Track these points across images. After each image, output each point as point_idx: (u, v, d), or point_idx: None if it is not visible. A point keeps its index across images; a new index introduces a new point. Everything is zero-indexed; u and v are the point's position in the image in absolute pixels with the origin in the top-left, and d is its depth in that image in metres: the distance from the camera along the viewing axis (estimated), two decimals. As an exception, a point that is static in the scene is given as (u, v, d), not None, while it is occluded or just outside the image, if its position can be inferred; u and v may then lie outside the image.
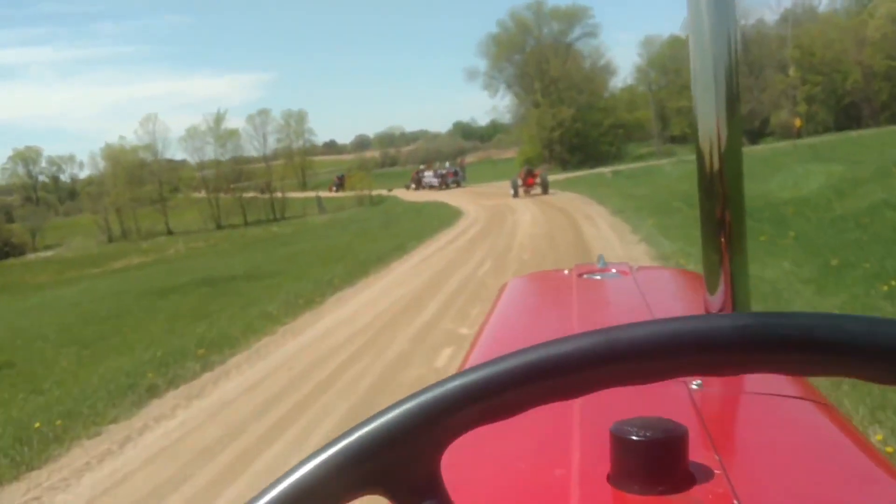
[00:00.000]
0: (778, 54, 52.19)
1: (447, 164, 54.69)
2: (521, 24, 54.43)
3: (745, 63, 54.73)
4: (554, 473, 0.70)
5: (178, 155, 52.34)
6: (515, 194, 28.29)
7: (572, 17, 53.48)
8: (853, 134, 37.55)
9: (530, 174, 29.55)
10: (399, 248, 15.69)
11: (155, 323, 11.51)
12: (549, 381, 0.36)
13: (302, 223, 38.99)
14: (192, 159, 48.37)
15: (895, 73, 47.40)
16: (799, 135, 36.82)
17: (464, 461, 0.75)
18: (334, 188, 59.22)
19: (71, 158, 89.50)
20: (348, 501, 0.37)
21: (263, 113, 53.16)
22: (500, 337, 1.39)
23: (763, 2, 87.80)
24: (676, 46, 63.91)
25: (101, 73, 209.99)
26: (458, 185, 46.15)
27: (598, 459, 0.64)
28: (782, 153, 28.97)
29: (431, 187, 45.96)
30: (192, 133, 47.75)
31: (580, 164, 49.67)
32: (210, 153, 48.54)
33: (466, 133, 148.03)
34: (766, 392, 0.90)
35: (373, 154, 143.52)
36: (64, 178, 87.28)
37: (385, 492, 0.38)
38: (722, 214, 0.92)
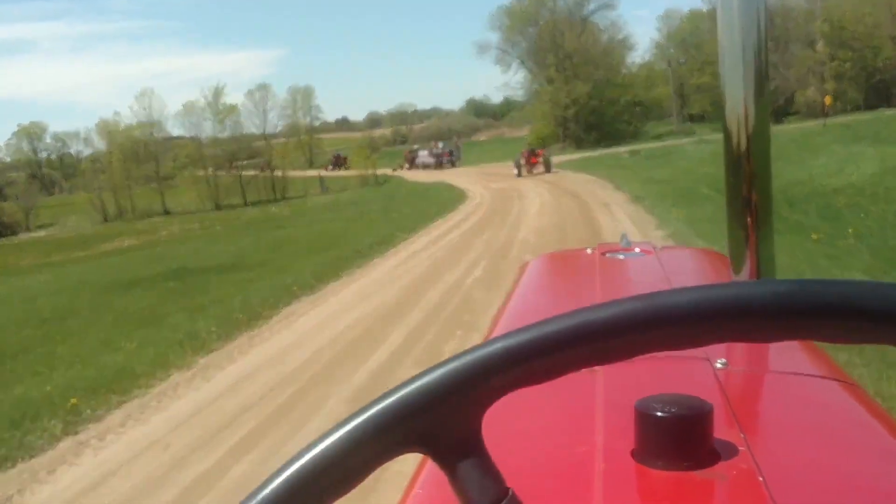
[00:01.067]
0: (805, 28, 49.56)
1: (441, 143, 52.76)
2: (536, -6, 52.13)
3: (770, 38, 52.18)
4: (579, 448, 0.70)
5: (181, 131, 50.56)
6: (519, 174, 28.18)
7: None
8: (888, 112, 35.20)
9: (533, 153, 29.72)
10: (387, 240, 13.93)
11: (95, 329, 9.86)
12: (592, 345, 0.36)
13: (301, 204, 37.25)
14: (191, 136, 46.43)
15: (930, 49, 44.75)
16: (828, 113, 34.50)
17: (490, 436, 0.70)
18: (330, 167, 57.69)
19: (77, 135, 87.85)
20: (390, 458, 0.37)
21: (264, 88, 51.19)
22: (523, 311, 1.36)
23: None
24: (697, 21, 61.31)
25: (112, 48, 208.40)
26: (453, 164, 44.77)
27: (623, 435, 0.64)
28: (814, 133, 26.82)
29: (426, 167, 44.57)
30: (189, 109, 45.87)
31: (596, 144, 47.49)
32: (211, 129, 46.80)
33: (479, 111, 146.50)
34: (791, 371, 0.89)
35: (383, 132, 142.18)
36: (72, 154, 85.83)
37: (427, 450, 0.38)
38: (749, 193, 0.92)
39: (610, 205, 14.74)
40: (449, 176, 35.01)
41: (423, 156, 48.03)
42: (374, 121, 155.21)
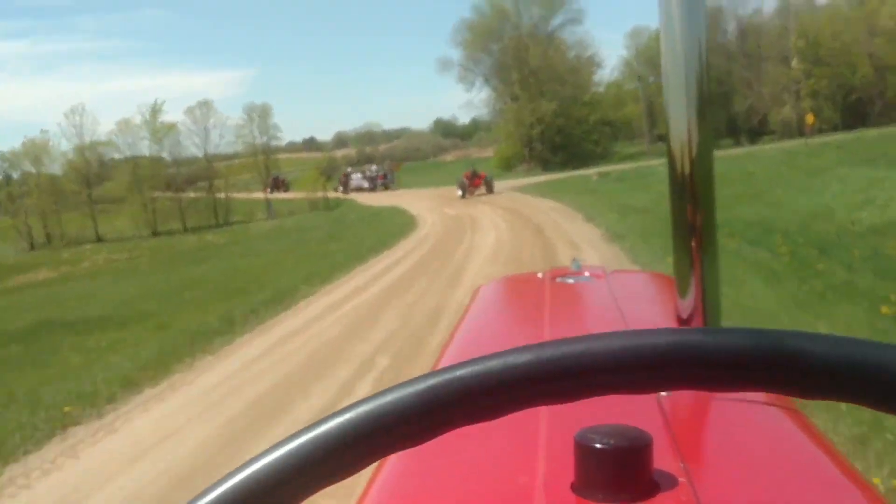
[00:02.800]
0: (779, 45, 47.60)
1: (374, 167, 54.00)
2: (499, 8, 49.31)
3: (743, 55, 50.25)
4: (518, 482, 0.69)
5: (130, 152, 46.52)
6: (463, 195, 28.67)
7: (554, 1, 48.38)
8: (870, 133, 32.99)
9: (475, 175, 30.31)
10: (311, 280, 11.35)
11: None
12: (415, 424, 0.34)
13: (243, 231, 34.07)
14: (131, 157, 42.51)
15: (910, 66, 42.82)
16: (810, 133, 32.20)
17: (425, 470, 0.77)
18: (269, 189, 55.64)
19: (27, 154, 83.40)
20: None
21: (205, 105, 47.11)
22: (471, 343, 1.38)
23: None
24: (666, 38, 59.31)
25: (79, 67, 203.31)
26: (387, 188, 44.91)
27: (563, 468, 0.64)
28: (802, 153, 24.33)
29: (360, 189, 44.08)
30: (123, 127, 42.06)
31: (563, 165, 44.88)
32: (149, 149, 43.16)
33: (447, 131, 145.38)
34: (734, 398, 0.90)
35: (348, 152, 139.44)
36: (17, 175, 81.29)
37: None
38: (693, 218, 0.93)
39: (580, 245, 11.77)
40: (405, 200, 32.14)
41: (357, 178, 47.49)
42: (341, 141, 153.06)
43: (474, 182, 30.02)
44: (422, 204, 28.14)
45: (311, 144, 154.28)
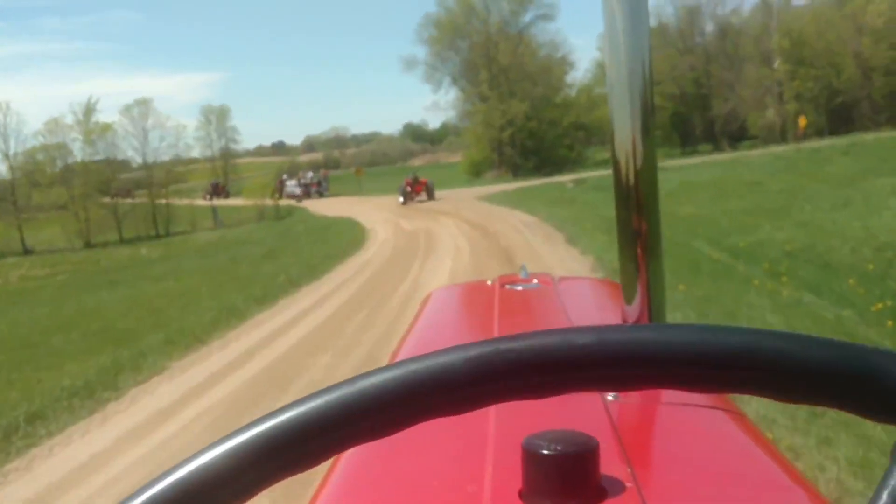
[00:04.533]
0: (761, 45, 45.21)
1: (310, 174, 53.28)
2: (466, 4, 46.22)
3: (723, 56, 47.82)
4: (465, 490, 0.69)
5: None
6: (404, 202, 28.73)
7: (525, -5, 45.35)
8: (867, 137, 30.52)
9: (416, 182, 30.26)
10: (220, 321, 8.99)
11: None
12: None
13: (182, 242, 30.75)
14: (52, 158, 38.29)
15: (898, 68, 40.54)
16: (803, 136, 29.63)
17: (373, 479, 0.78)
18: (208, 196, 53.16)
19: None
20: None
21: (143, 104, 42.91)
22: (421, 345, 1.38)
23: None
24: (641, 39, 56.89)
25: (46, 69, 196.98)
26: (321, 195, 44.28)
27: (511, 475, 0.64)
28: (802, 160, 21.64)
29: (293, 196, 42.91)
30: (52, 128, 37.97)
31: (535, 171, 42.02)
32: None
33: (417, 135, 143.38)
34: (681, 402, 0.92)
35: (315, 156, 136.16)
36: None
37: None
38: (638, 225, 0.95)
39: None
40: (364, 208, 29.12)
41: (291, 185, 45.90)
42: (310, 145, 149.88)
43: (416, 189, 29.99)
44: (379, 215, 25.06)
45: (280, 149, 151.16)
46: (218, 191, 56.70)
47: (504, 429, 0.78)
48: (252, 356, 7.16)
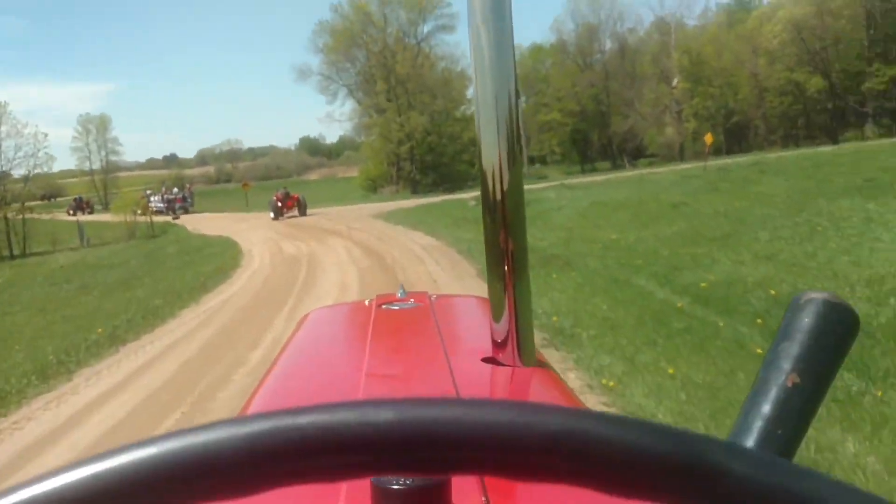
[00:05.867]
0: (660, 63, 44.95)
1: (175, 189, 51.17)
2: (362, 11, 43.82)
3: (623, 73, 47.38)
4: None
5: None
6: (275, 217, 28.77)
7: (424, 5, 43.35)
8: (770, 156, 30.02)
9: (288, 197, 30.01)
10: (26, 388, 5.72)
11: None
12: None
13: (38, 264, 26.85)
14: None
15: (793, 89, 40.85)
16: (708, 154, 28.82)
17: None
18: (71, 212, 50.48)
19: None
20: None
21: None
22: (290, 372, 1.36)
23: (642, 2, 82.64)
24: (540, 55, 56.26)
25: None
26: (186, 211, 42.79)
27: None
28: (725, 179, 20.39)
29: (158, 212, 40.64)
30: None
31: (434, 187, 40.04)
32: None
33: (313, 149, 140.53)
34: None
35: (207, 169, 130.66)
36: None
37: None
38: (505, 244, 0.97)
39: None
40: (248, 226, 26.31)
41: (155, 201, 43.70)
42: (203, 158, 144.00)
43: (287, 204, 29.63)
44: (260, 234, 22.30)
45: (172, 161, 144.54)
46: (82, 206, 53.75)
47: None
48: (116, 393, 4.55)
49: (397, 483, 0.55)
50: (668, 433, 0.26)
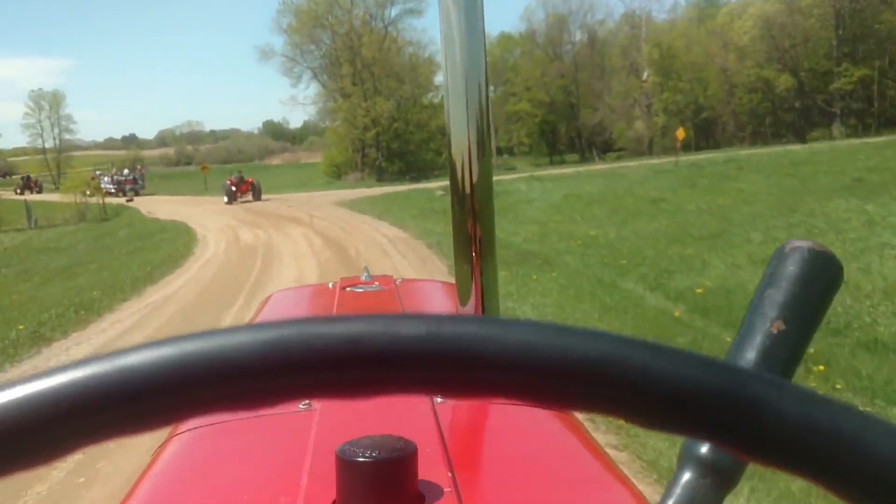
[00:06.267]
0: (629, 56, 44.50)
1: (126, 171, 50.42)
2: (328, -8, 42.52)
3: (592, 65, 46.86)
4: (279, 500, 0.66)
5: None
6: (229, 201, 28.51)
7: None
8: (742, 153, 29.70)
9: (242, 181, 29.71)
10: None
11: None
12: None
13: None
14: None
15: (762, 86, 40.70)
16: (680, 149, 28.39)
17: (183, 489, 0.75)
18: (19, 191, 48.50)
19: None
20: None
21: None
22: None
23: None
24: (509, 44, 55.51)
25: None
26: (137, 193, 41.78)
27: (325, 484, 0.61)
28: (701, 175, 19.89)
29: (108, 193, 39.15)
30: None
31: (400, 175, 39.12)
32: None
33: (277, 134, 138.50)
34: (508, 402, 0.91)
35: (167, 151, 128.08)
36: None
37: None
38: (473, 229, 0.96)
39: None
40: (203, 210, 25.23)
41: (105, 182, 42.18)
42: (163, 139, 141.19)
43: (241, 188, 29.32)
44: (217, 220, 21.26)
45: (130, 142, 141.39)
46: (30, 185, 51.97)
47: (323, 434, 0.74)
48: None
49: (363, 456, 0.55)
50: (709, 364, 0.24)
